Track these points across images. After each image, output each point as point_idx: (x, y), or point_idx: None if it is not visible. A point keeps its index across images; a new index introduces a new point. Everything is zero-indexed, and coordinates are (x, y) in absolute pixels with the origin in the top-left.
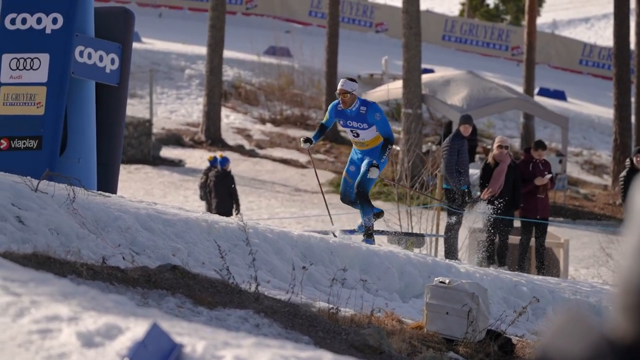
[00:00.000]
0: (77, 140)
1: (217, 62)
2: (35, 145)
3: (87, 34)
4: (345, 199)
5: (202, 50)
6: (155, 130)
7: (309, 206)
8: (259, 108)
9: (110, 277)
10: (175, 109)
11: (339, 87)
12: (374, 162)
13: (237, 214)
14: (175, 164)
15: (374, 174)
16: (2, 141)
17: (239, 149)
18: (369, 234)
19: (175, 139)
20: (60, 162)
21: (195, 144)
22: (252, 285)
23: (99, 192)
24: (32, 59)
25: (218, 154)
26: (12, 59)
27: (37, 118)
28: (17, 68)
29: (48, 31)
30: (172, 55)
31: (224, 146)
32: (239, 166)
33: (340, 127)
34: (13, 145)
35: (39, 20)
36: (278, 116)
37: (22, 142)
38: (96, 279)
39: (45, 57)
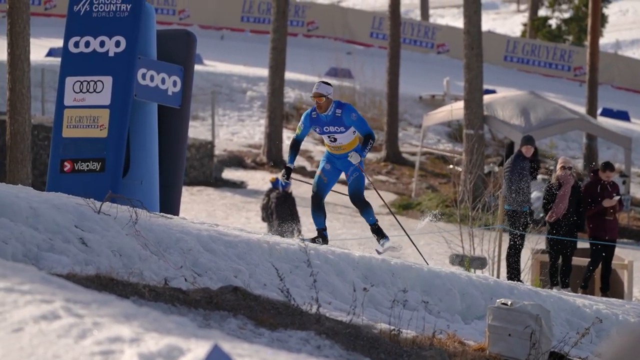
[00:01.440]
0: (140, 162)
1: (278, 83)
2: (98, 168)
3: (149, 56)
4: (317, 197)
5: (264, 72)
6: (217, 152)
7: None
8: None
9: (172, 298)
10: (237, 130)
11: (313, 90)
12: (356, 152)
13: (298, 236)
14: (237, 186)
15: (355, 158)
16: (66, 163)
17: (301, 171)
18: (376, 230)
19: (237, 161)
20: (123, 184)
21: (257, 166)
22: (313, 306)
23: (161, 213)
24: (95, 82)
25: (280, 176)
26: (76, 81)
27: (100, 140)
28: (81, 91)
29: (111, 54)
30: (233, 77)
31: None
32: (300, 187)
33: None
34: (77, 168)
35: (102, 44)
36: None
37: (86, 164)
38: (158, 301)
39: (108, 80)
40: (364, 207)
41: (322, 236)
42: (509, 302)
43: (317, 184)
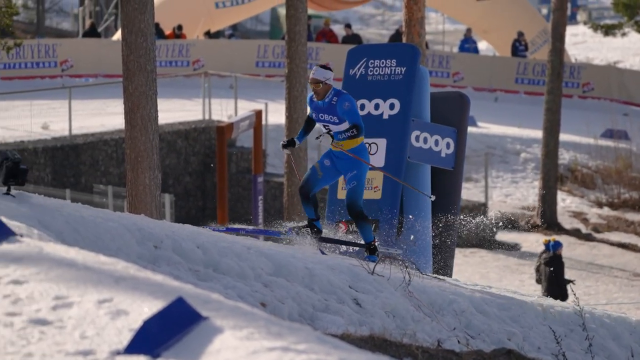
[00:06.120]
0: (413, 224)
1: (552, 145)
2: (372, 229)
3: (423, 118)
4: (304, 189)
5: (538, 133)
6: (490, 213)
7: None
8: (595, 191)
9: None
10: (510, 192)
11: (310, 75)
12: (331, 132)
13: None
14: (511, 248)
15: (325, 140)
16: (341, 225)
17: (575, 233)
18: (371, 250)
19: (510, 223)
20: (397, 245)
21: (531, 228)
22: None
23: (434, 275)
24: (369, 144)
25: (552, 238)
26: None
27: (374, 202)
28: None
29: (385, 116)
30: (507, 138)
31: (560, 230)
32: (575, 250)
33: None
34: (351, 229)
35: (376, 106)
36: (615, 199)
37: None
38: None
39: (382, 142)
40: (359, 220)
41: (311, 226)
42: None
43: (308, 177)
